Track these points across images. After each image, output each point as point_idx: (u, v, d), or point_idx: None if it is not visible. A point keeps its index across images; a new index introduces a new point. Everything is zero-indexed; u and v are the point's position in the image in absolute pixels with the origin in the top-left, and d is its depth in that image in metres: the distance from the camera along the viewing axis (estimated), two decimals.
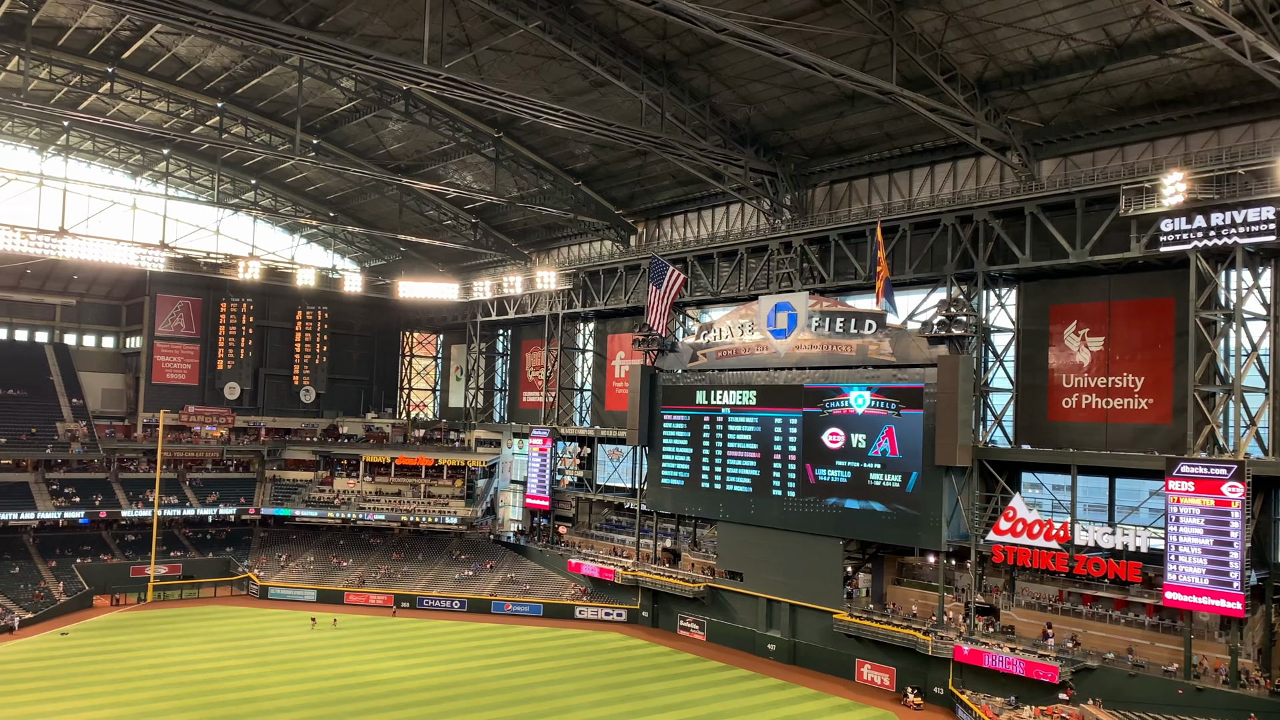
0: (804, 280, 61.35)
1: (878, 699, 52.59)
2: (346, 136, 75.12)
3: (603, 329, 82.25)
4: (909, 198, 59.15)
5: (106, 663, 56.61)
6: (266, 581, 76.57)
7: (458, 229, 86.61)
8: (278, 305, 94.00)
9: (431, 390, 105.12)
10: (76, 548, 76.76)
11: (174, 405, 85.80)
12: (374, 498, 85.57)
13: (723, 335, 64.48)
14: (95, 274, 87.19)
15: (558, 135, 66.64)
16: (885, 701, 52.10)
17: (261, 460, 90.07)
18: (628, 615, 69.98)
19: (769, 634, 60.78)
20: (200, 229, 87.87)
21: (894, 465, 54.09)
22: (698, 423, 65.89)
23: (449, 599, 74.09)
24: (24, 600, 67.93)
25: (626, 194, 75.38)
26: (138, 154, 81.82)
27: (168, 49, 62.98)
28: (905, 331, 54.69)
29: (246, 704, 49.07)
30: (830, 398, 57.49)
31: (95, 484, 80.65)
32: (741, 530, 62.89)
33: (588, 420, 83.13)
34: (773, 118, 59.68)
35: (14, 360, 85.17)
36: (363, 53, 48.57)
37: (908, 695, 52.30)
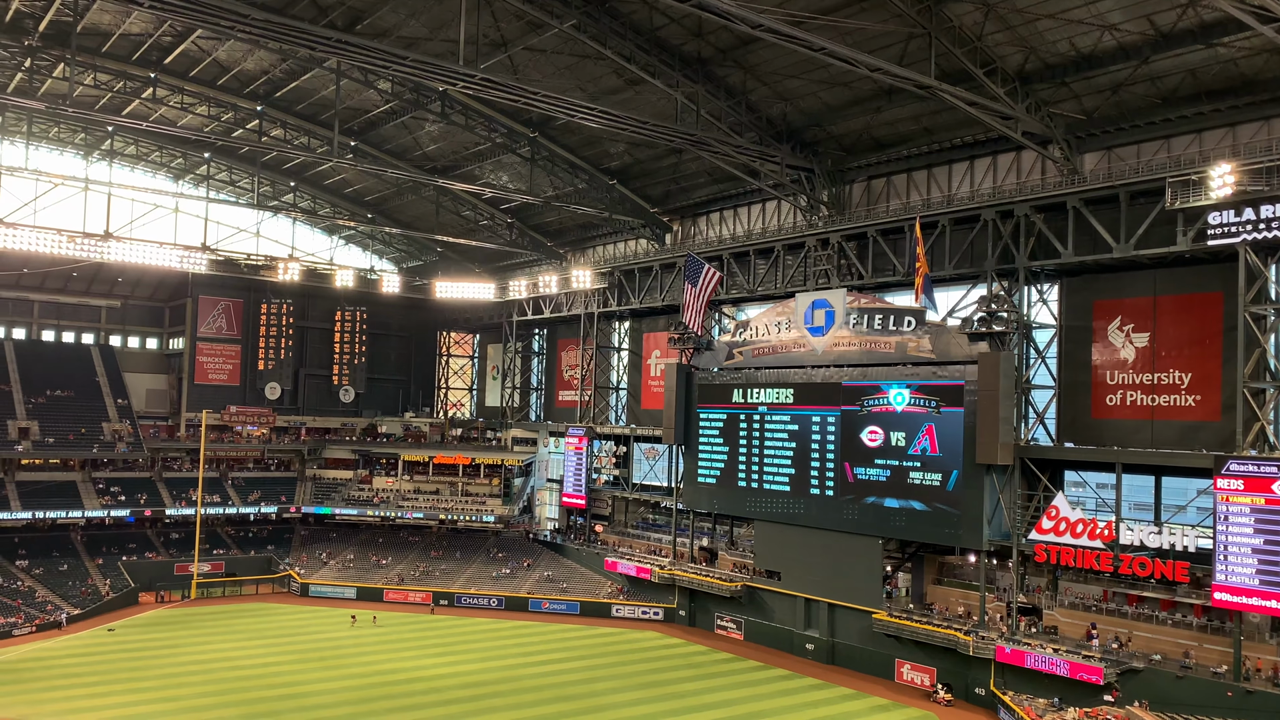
0: (842, 277, 60.88)
1: (918, 699, 52.08)
2: (384, 138, 75.70)
3: (638, 328, 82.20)
4: (948, 193, 58.47)
5: (152, 658, 57.52)
6: (307, 579, 77.43)
7: (494, 229, 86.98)
8: (317, 306, 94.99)
9: (468, 390, 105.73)
10: (122, 545, 78.12)
11: (216, 405, 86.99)
12: (412, 496, 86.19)
13: (759, 333, 64.14)
14: (139, 276, 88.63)
15: (593, 134, 66.66)
16: (925, 702, 51.59)
17: (302, 459, 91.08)
18: (664, 614, 69.88)
19: (807, 633, 60.41)
20: (241, 231, 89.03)
21: (934, 464, 53.50)
22: (734, 421, 65.61)
23: (486, 597, 74.45)
24: (72, 597, 69.22)
25: (662, 192, 75.27)
26: (180, 157, 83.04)
27: (208, 54, 63.81)
28: (945, 328, 54.06)
29: (288, 700, 49.62)
30: (869, 395, 57.00)
31: (140, 483, 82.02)
32: (779, 529, 62.54)
33: (623, 419, 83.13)
34: (809, 113, 59.25)
35: (61, 361, 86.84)
36: (399, 54, 48.89)
37: (938, 692, 52.24)
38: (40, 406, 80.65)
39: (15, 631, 62.42)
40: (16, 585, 68.92)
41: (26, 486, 76.40)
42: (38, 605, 66.68)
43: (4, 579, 69.20)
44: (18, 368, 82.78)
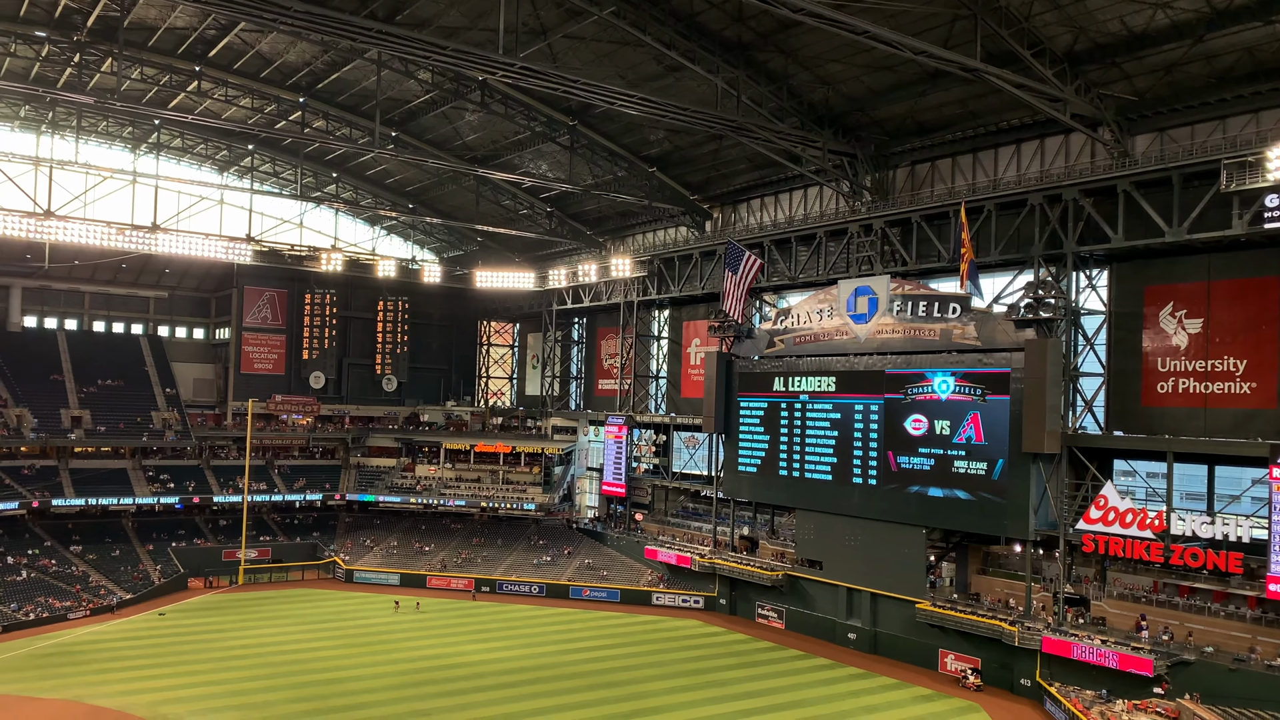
0: (885, 263, 60.20)
1: (961, 690, 51.55)
2: (424, 128, 76.02)
3: (678, 316, 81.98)
4: (994, 177, 57.50)
5: (201, 642, 58.58)
6: (352, 565, 78.39)
7: (533, 218, 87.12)
8: (360, 296, 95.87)
9: (509, 378, 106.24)
10: (172, 532, 79.61)
11: (262, 394, 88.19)
12: (454, 484, 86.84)
13: (801, 320, 63.65)
14: (186, 268, 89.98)
15: (632, 121, 66.41)
16: (967, 691, 51.04)
17: (346, 447, 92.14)
18: (705, 602, 69.82)
19: (849, 623, 60.03)
20: (284, 222, 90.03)
21: (979, 452, 52.80)
22: (775, 410, 65.23)
23: (528, 584, 74.88)
24: (124, 581, 70.68)
25: (701, 179, 74.89)
26: (224, 150, 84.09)
27: (251, 46, 64.40)
28: (991, 315, 53.27)
29: (334, 684, 50.27)
30: (913, 383, 56.36)
31: (188, 470, 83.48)
32: (821, 518, 62.15)
33: (663, 408, 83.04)
34: (852, 98, 58.54)
35: (111, 351, 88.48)
36: (439, 44, 49.03)
37: (967, 677, 52.11)
38: (92, 396, 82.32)
39: (70, 615, 63.89)
40: (71, 570, 70.51)
41: (79, 474, 78.06)
42: (91, 589, 68.18)
43: (59, 564, 70.83)
44: (70, 358, 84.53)
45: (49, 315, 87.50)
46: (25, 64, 64.25)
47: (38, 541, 72.83)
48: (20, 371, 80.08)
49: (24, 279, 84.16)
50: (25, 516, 73.79)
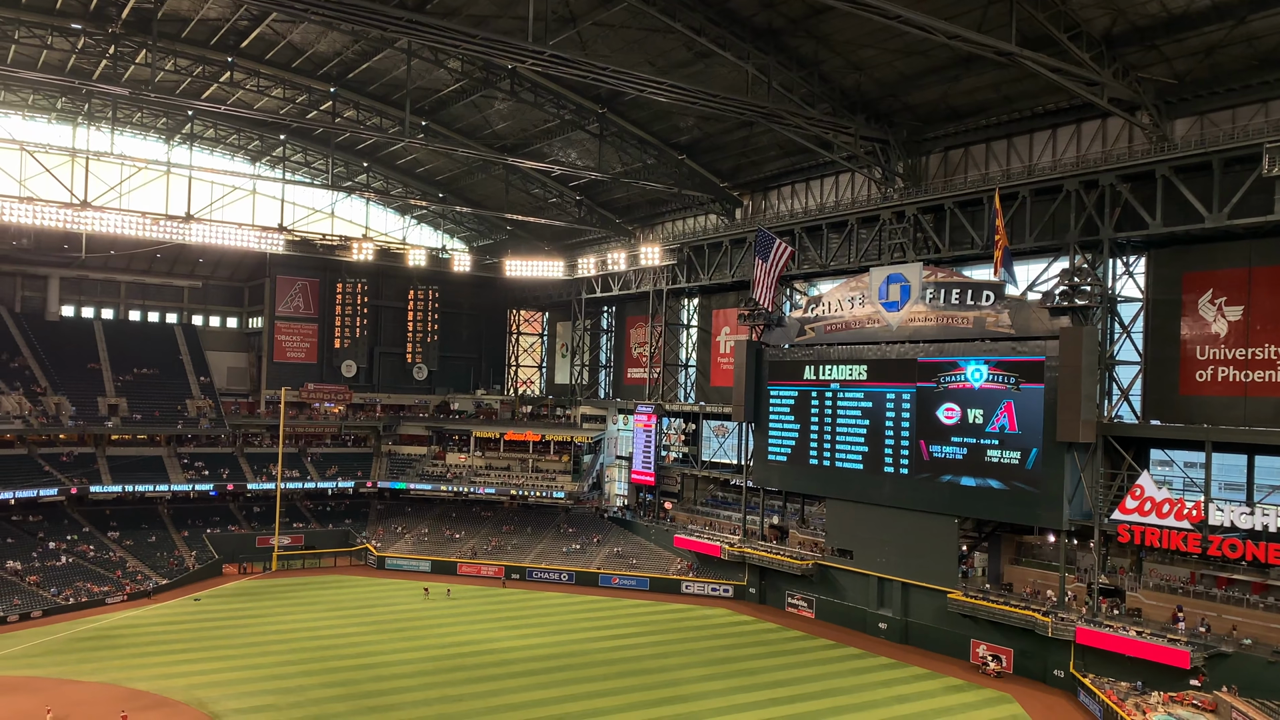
0: (917, 251, 59.61)
1: (994, 680, 51.18)
2: (454, 117, 76.13)
3: (707, 304, 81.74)
4: (1029, 163, 56.68)
5: (236, 627, 59.36)
6: (383, 552, 79.07)
7: (562, 206, 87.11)
8: (390, 285, 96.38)
9: (538, 367, 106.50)
10: (206, 518, 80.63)
11: (294, 383, 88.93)
12: (484, 472, 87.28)
13: (832, 309, 63.24)
14: (219, 257, 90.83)
15: (662, 109, 66.11)
16: (1000, 682, 50.65)
17: (377, 435, 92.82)
18: (734, 591, 69.76)
19: (880, 612, 59.77)
20: (316, 212, 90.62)
21: (1013, 441, 52.27)
22: (805, 398, 64.92)
23: (557, 571, 75.17)
24: (160, 567, 71.74)
25: (731, 166, 74.48)
26: (256, 140, 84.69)
27: (283, 37, 64.71)
28: (1025, 303, 52.65)
29: (366, 669, 50.77)
30: (945, 372, 55.87)
31: (222, 458, 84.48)
32: (852, 508, 61.84)
33: (692, 396, 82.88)
34: (884, 83, 57.89)
35: (147, 340, 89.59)
36: (469, 32, 49.00)
37: (988, 664, 52.17)
38: (128, 384, 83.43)
39: (108, 600, 64.95)
40: (109, 556, 71.63)
41: (116, 461, 79.21)
42: (129, 575, 69.24)
43: (97, 549, 71.99)
44: (107, 347, 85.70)
45: (86, 305, 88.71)
46: (61, 56, 64.97)
47: (76, 527, 74.06)
48: (58, 360, 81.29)
49: (62, 269, 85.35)
50: (64, 503, 75.11)
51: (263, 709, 44.24)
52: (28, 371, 78.78)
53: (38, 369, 79.48)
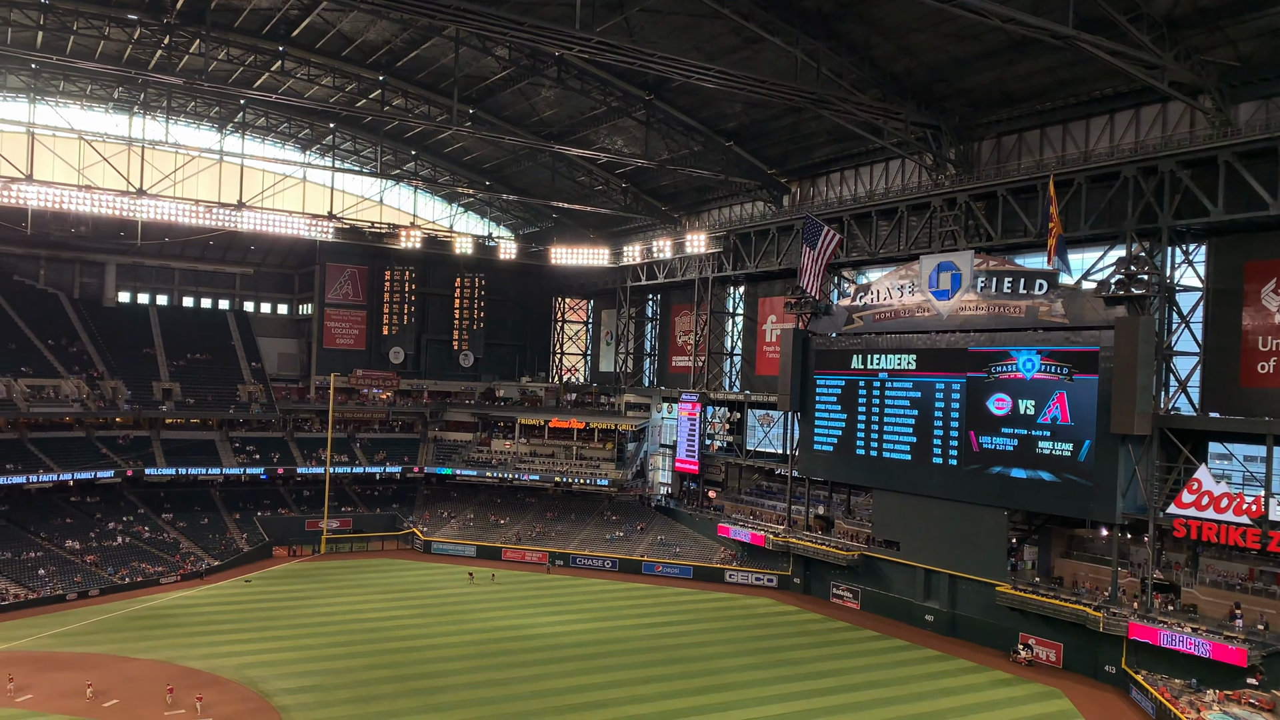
0: (969, 239, 58.66)
1: (1043, 674, 50.41)
2: (501, 105, 76.29)
3: (753, 292, 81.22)
4: (1085, 149, 55.38)
5: (285, 609, 60.37)
6: (430, 537, 79.90)
7: (608, 194, 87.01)
8: (437, 273, 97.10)
9: (582, 355, 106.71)
10: (257, 501, 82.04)
11: (343, 369, 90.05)
12: (528, 459, 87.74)
13: (880, 297, 62.49)
14: (270, 244, 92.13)
15: (709, 95, 65.59)
16: (1051, 677, 49.86)
17: (424, 421, 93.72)
18: (778, 581, 69.46)
19: (927, 604, 59.14)
20: (364, 200, 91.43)
21: (1065, 433, 51.29)
22: (853, 388, 64.28)
23: (601, 558, 75.39)
24: (212, 549, 73.16)
25: (779, 153, 73.76)
26: (306, 128, 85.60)
27: (333, 25, 65.21)
28: (1079, 292, 51.55)
29: (412, 652, 51.35)
30: (996, 362, 54.95)
31: (273, 442, 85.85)
32: (899, 498, 61.19)
33: (737, 385, 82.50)
34: (935, 68, 56.85)
35: (200, 326, 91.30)
36: (516, 20, 48.93)
37: (1019, 652, 52.07)
38: (181, 369, 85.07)
39: (162, 580, 66.44)
40: (163, 537, 73.20)
41: (170, 444, 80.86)
42: (181, 556, 70.69)
43: (152, 530, 73.60)
44: (161, 332, 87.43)
45: (141, 291, 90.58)
46: (118, 47, 66.10)
47: (132, 509, 75.77)
48: (115, 345, 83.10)
49: (118, 256, 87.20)
50: (121, 484, 76.82)
51: (311, 689, 44.95)
52: (86, 356, 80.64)
53: (95, 354, 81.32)
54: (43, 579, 62.38)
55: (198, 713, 41.56)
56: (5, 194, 69.18)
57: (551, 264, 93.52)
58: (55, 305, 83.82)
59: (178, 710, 41.96)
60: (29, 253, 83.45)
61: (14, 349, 76.20)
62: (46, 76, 72.23)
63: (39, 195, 70.50)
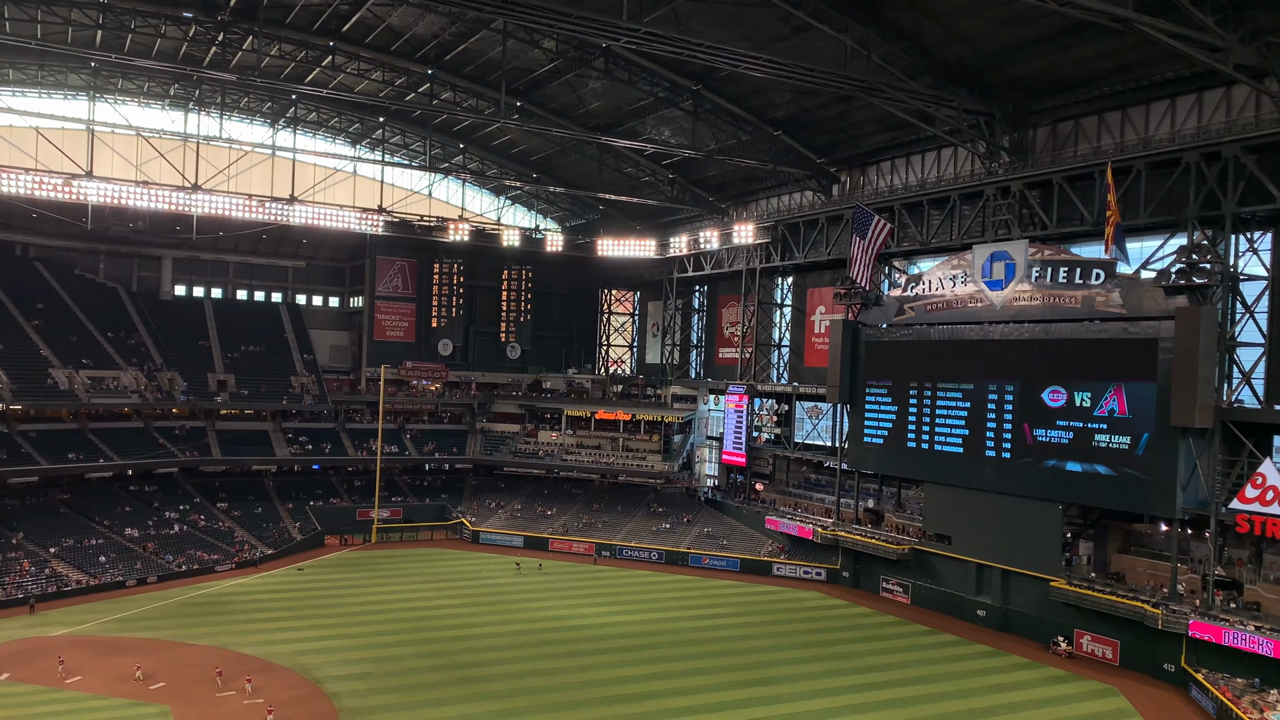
0: (1023, 228, 57.50)
1: (1099, 672, 49.40)
2: (548, 97, 76.39)
3: (802, 283, 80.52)
4: (1144, 135, 53.97)
5: (337, 597, 61.20)
6: (478, 527, 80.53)
7: (655, 185, 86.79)
8: (485, 265, 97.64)
9: (629, 347, 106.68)
10: (310, 491, 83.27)
11: (393, 361, 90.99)
12: (575, 450, 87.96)
13: (932, 287, 61.57)
14: (322, 238, 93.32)
15: (757, 84, 65.08)
16: (1107, 674, 48.83)
17: (472, 413, 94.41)
18: (827, 575, 68.90)
19: (978, 599, 58.31)
20: (413, 193, 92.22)
21: (1122, 426, 50.14)
22: (904, 379, 63.34)
23: (647, 550, 75.39)
24: (266, 537, 74.42)
25: (828, 142, 72.95)
26: (356, 123, 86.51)
27: (382, 20, 65.73)
28: (1138, 281, 50.33)
29: (460, 641, 51.76)
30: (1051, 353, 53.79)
31: (325, 433, 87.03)
32: (950, 492, 60.30)
33: (785, 377, 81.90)
34: (988, 54, 55.76)
35: (253, 319, 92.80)
36: (564, 11, 48.94)
37: (1059, 644, 51.65)
38: (235, 361, 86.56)
39: (218, 568, 67.71)
40: (218, 526, 74.60)
41: (225, 435, 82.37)
42: (236, 544, 71.98)
43: (207, 519, 75.05)
44: (216, 325, 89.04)
45: (196, 284, 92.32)
46: (174, 44, 67.28)
47: (188, 498, 77.32)
48: (171, 338, 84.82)
49: (174, 250, 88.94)
50: (177, 474, 78.45)
51: (362, 676, 45.51)
52: (144, 348, 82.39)
53: (153, 346, 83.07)
54: (103, 565, 63.93)
55: (247, 694, 42.39)
56: (67, 190, 70.83)
57: (598, 256, 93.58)
58: (114, 298, 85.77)
59: (227, 692, 42.84)
60: (90, 247, 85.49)
61: (75, 341, 78.10)
62: (105, 75, 73.81)
63: (99, 191, 72.08)
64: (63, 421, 74.83)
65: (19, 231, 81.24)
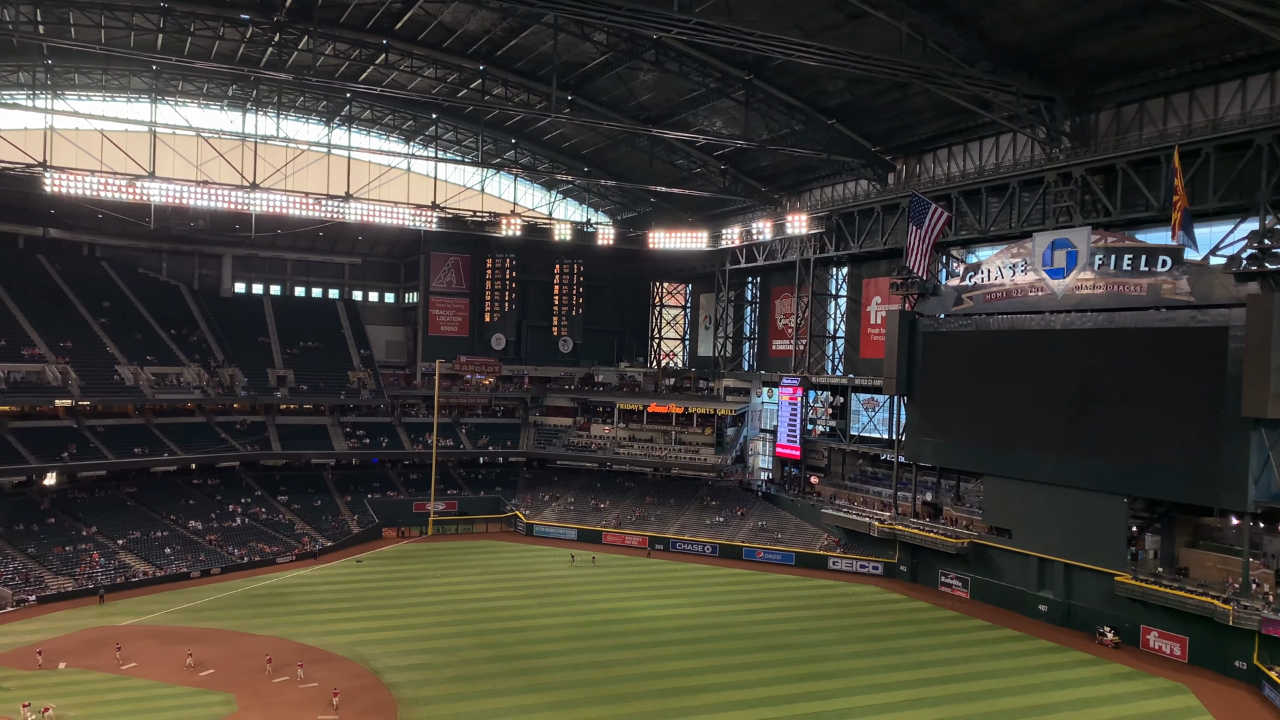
0: (1085, 214, 56.08)
1: (1166, 669, 48.13)
2: (599, 90, 76.33)
3: (857, 273, 79.51)
4: (1213, 116, 52.22)
5: (395, 588, 61.96)
6: (532, 520, 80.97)
7: (707, 176, 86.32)
8: (537, 260, 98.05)
9: (681, 339, 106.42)
10: (367, 484, 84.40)
11: (447, 355, 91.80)
12: (627, 443, 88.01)
13: (991, 276, 60.39)
14: (377, 235, 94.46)
15: (810, 73, 64.34)
16: (1175, 671, 47.53)
17: (525, 406, 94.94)
18: (884, 569, 68.08)
19: (1040, 594, 57.16)
20: (466, 189, 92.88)
21: (1190, 416, 48.72)
22: (960, 370, 62.26)
23: (701, 543, 75.15)
24: (325, 530, 75.60)
25: (883, 129, 71.83)
26: (410, 120, 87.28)
27: (434, 17, 66.19)
28: (1207, 268, 48.85)
29: (516, 633, 52.07)
30: (1115, 342, 52.42)
31: (381, 427, 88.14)
32: (1012, 484, 59.12)
33: (840, 369, 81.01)
34: (1049, 37, 54.35)
35: (311, 315, 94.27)
36: (614, 4, 48.80)
37: (1106, 634, 50.95)
38: (294, 356, 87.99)
39: (279, 559, 68.90)
40: (279, 518, 75.95)
41: (285, 429, 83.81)
42: (296, 536, 73.23)
43: (268, 512, 76.43)
44: (275, 321, 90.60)
45: (255, 281, 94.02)
46: (232, 46, 68.45)
47: (250, 491, 78.82)
48: (232, 334, 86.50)
49: (234, 248, 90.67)
50: (239, 468, 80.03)
51: (420, 667, 45.97)
52: (205, 345, 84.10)
53: (214, 343, 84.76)
54: (168, 557, 65.44)
55: (299, 680, 43.29)
56: (131, 191, 72.47)
57: (649, 248, 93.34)
58: (177, 296, 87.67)
59: (279, 678, 43.65)
60: (153, 247, 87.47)
61: (139, 339, 79.95)
62: (166, 77, 75.32)
63: (161, 191, 73.58)
64: (129, 417, 76.74)
65: (86, 232, 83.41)
